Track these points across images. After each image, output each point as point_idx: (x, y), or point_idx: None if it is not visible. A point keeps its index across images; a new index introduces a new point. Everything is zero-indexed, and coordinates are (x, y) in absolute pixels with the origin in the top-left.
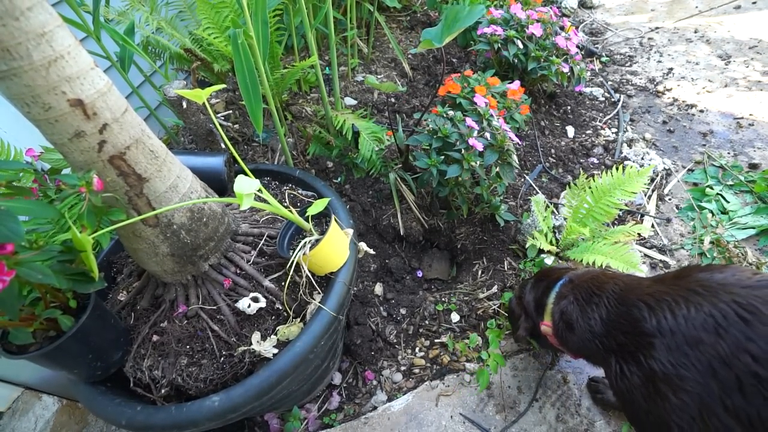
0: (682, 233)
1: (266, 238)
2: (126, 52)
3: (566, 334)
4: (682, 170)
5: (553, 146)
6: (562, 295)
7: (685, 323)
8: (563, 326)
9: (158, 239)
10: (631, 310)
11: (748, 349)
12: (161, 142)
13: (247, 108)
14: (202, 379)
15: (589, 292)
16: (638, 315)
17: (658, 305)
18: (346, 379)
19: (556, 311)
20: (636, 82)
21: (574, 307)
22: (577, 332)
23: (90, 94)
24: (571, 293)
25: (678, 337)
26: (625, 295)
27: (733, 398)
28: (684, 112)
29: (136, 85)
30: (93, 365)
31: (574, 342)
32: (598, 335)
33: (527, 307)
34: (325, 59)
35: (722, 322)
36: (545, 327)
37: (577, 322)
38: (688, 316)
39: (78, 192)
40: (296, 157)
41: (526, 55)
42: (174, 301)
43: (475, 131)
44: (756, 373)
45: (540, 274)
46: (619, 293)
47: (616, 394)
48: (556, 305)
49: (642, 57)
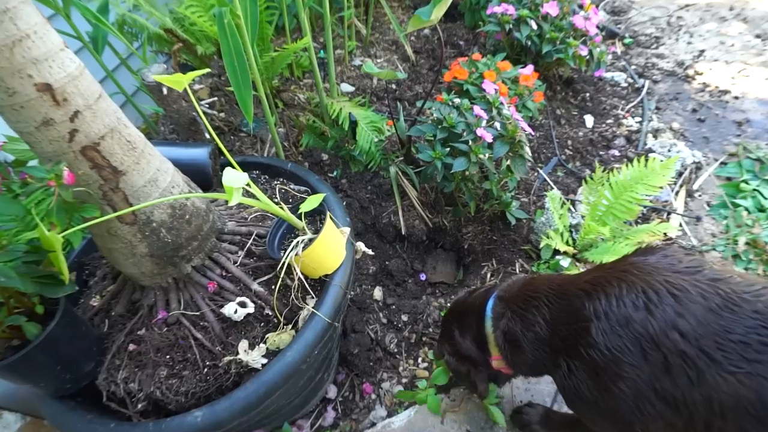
0: (714, 233)
1: (255, 237)
2: (99, 32)
3: (516, 356)
4: (714, 163)
5: (569, 137)
6: (497, 316)
7: (616, 303)
8: (510, 349)
9: (136, 238)
10: (571, 301)
11: (677, 326)
12: (139, 132)
13: (235, 94)
14: (184, 393)
15: (525, 299)
16: (578, 304)
17: (594, 290)
18: (342, 393)
19: (499, 336)
20: (663, 65)
21: (515, 322)
22: (526, 347)
23: (59, 78)
24: (506, 309)
25: (611, 319)
26: (565, 289)
27: (662, 381)
28: (716, 98)
29: (110, 69)
30: (62, 378)
31: (527, 359)
32: (546, 339)
33: (470, 354)
34: (319, 41)
35: (653, 298)
36: (497, 362)
37: (522, 335)
38: (620, 295)
39: (46, 186)
40: (288, 148)
41: (541, 37)
42: (153, 306)
43: (483, 121)
44: (683, 352)
45: (456, 314)
46: (557, 289)
47: (566, 397)
48: (496, 331)
49: (670, 38)
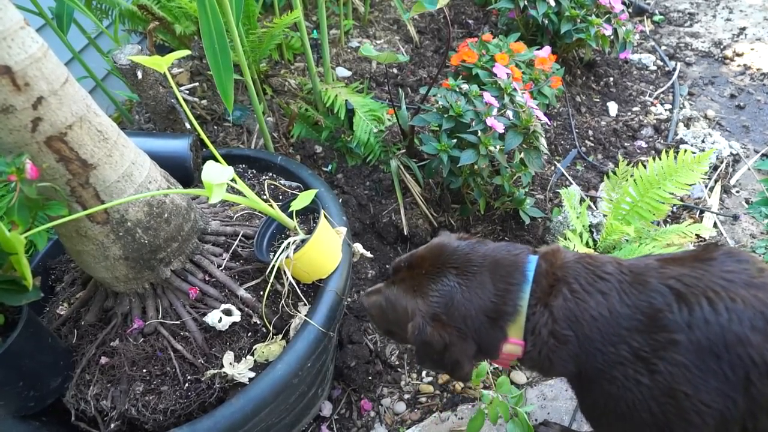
0: (753, 233)
1: (241, 237)
2: (64, 8)
3: (555, 353)
4: (754, 155)
5: (590, 127)
6: (546, 289)
7: (728, 317)
8: (554, 342)
9: (108, 239)
10: (652, 298)
11: None
12: (111, 121)
13: (214, 78)
14: (162, 410)
15: (592, 277)
16: (661, 304)
17: (691, 292)
18: (338, 410)
19: (543, 320)
20: (697, 46)
21: (576, 305)
22: (577, 344)
23: (20, 59)
24: (560, 283)
25: (711, 336)
26: (642, 279)
27: (758, 418)
28: (759, 82)
29: (77, 50)
30: (24, 395)
31: (563, 359)
32: (606, 339)
33: (469, 323)
34: (312, 20)
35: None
36: (512, 347)
37: (578, 326)
38: (732, 309)
39: (7, 181)
40: (277, 140)
41: (559, 15)
42: (127, 315)
43: (494, 109)
44: None
45: (451, 259)
46: (630, 276)
47: (603, 414)
48: (539, 310)
49: (706, 14)
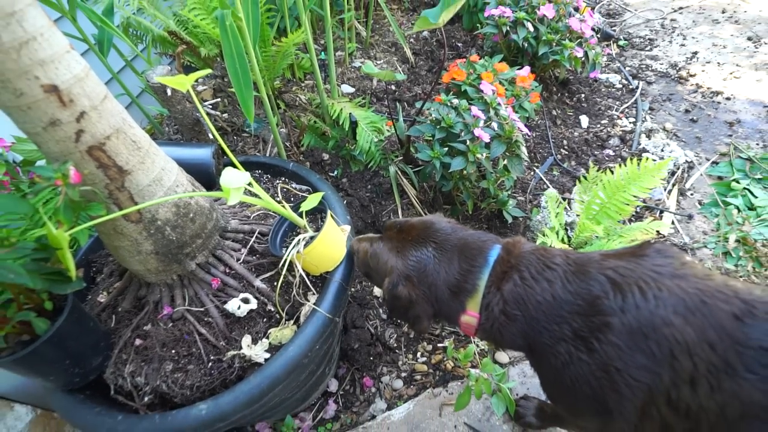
0: (705, 231)
1: (257, 235)
2: (105, 35)
3: (505, 327)
4: (705, 163)
5: (565, 137)
6: (500, 275)
7: (655, 303)
8: (504, 319)
9: (141, 236)
10: (590, 286)
11: (708, 336)
12: (144, 132)
13: (237, 95)
14: (189, 386)
15: (541, 266)
16: (598, 291)
17: (624, 281)
18: (343, 386)
19: (495, 300)
20: (656, 67)
21: (523, 290)
22: (523, 322)
23: (66, 79)
24: (512, 270)
25: (640, 319)
26: (584, 269)
27: (681, 390)
28: (709, 99)
29: (116, 71)
30: (70, 372)
31: (513, 334)
32: (551, 320)
33: (433, 290)
34: (320, 43)
35: (690, 305)
36: (469, 318)
37: (525, 308)
38: (658, 296)
39: (53, 185)
40: (289, 148)
41: (537, 39)
42: (158, 302)
43: (481, 121)
44: (711, 363)
45: (433, 236)
46: (575, 266)
47: (553, 385)
48: (491, 291)
49: (664, 40)
